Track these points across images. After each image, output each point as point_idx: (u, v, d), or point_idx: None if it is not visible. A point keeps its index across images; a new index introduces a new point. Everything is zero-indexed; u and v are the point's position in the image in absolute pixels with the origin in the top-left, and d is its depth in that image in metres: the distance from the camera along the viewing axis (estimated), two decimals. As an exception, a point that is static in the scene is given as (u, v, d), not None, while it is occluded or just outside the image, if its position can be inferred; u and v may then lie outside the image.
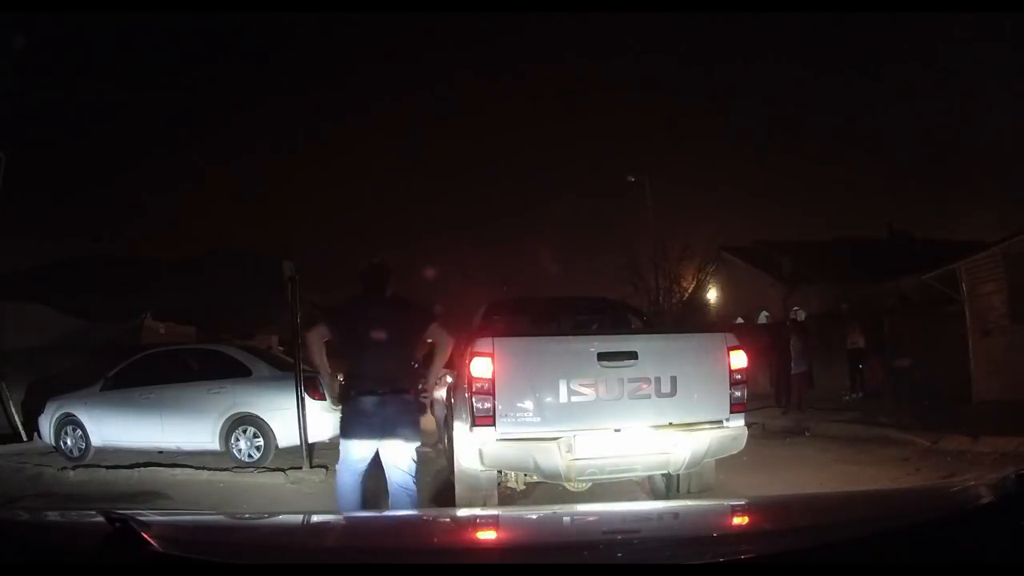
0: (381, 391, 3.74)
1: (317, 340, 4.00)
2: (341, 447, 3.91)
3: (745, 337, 5.44)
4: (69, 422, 8.95)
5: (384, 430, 3.74)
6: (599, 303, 7.89)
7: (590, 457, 4.63)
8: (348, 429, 3.81)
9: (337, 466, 4.00)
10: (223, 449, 8.19)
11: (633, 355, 4.72)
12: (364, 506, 3.93)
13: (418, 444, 3.90)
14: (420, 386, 4.04)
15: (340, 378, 4.12)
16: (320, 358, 4.07)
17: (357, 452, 3.81)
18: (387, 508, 3.88)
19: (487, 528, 2.08)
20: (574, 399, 4.64)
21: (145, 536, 1.29)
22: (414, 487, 3.85)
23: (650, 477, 5.53)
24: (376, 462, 3.90)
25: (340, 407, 3.93)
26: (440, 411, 7.93)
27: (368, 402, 3.73)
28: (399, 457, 3.76)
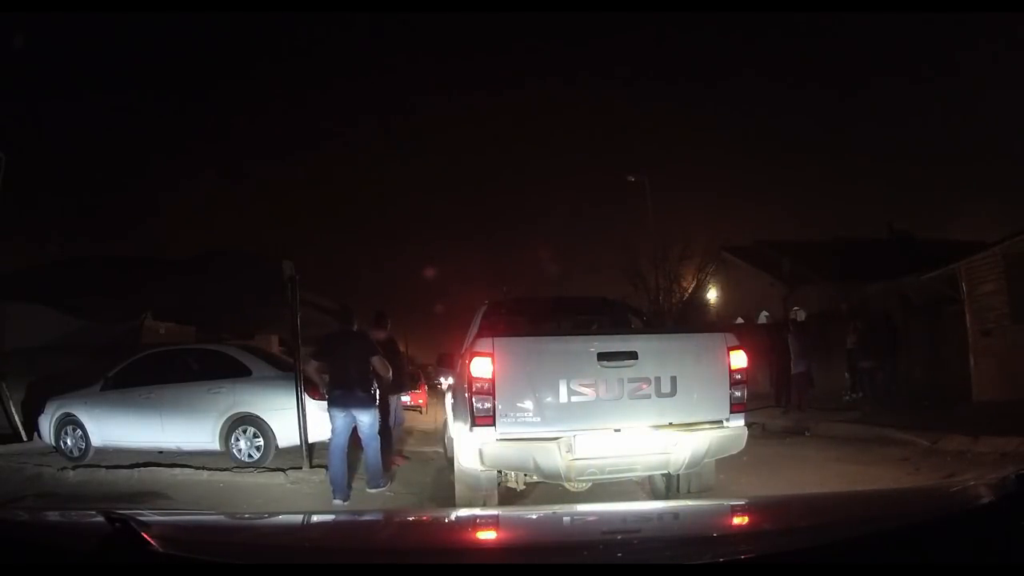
0: (342, 388, 6.29)
1: (312, 370, 6.71)
2: (329, 415, 6.39)
3: (745, 337, 5.44)
4: (69, 422, 8.94)
5: (346, 407, 6.28)
6: (599, 303, 7.88)
7: (590, 457, 4.62)
8: (329, 405, 6.39)
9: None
10: (223, 449, 8.19)
11: (633, 355, 4.72)
12: (345, 456, 6.27)
13: (371, 416, 6.33)
14: (373, 385, 6.42)
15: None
16: (316, 377, 6.68)
17: (336, 418, 6.32)
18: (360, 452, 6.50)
19: (487, 528, 2.08)
20: (574, 399, 4.64)
21: (145, 536, 1.29)
22: (374, 438, 6.38)
23: (650, 477, 5.52)
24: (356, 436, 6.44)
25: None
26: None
27: (335, 393, 6.32)
28: (361, 421, 6.32)
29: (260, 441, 8.12)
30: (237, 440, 8.18)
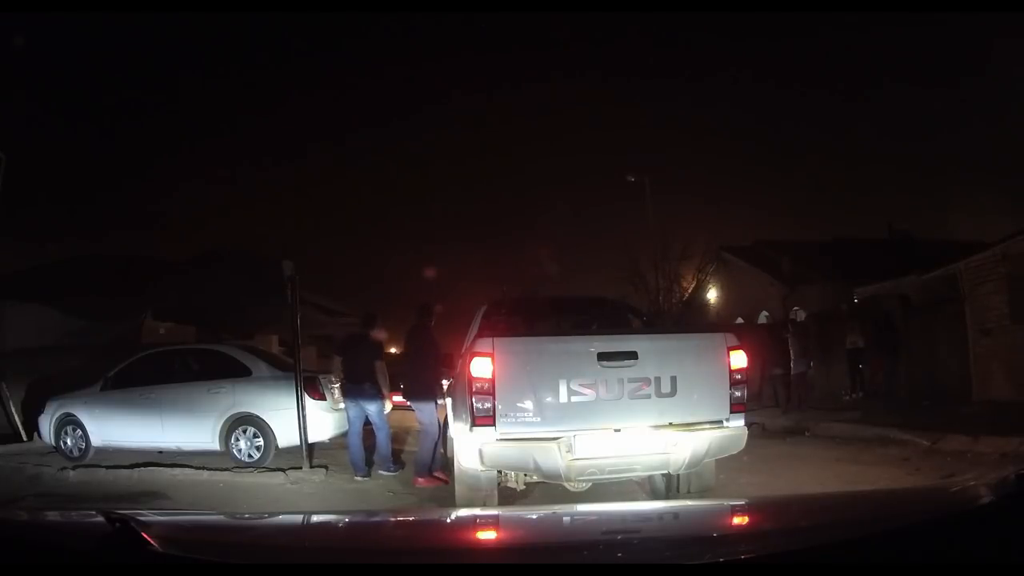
0: (352, 382, 7.41)
1: (336, 364, 7.75)
2: (345, 406, 7.57)
3: (745, 337, 5.43)
4: (69, 422, 8.95)
5: (357, 398, 7.35)
6: (599, 303, 7.88)
7: (590, 457, 4.62)
8: (344, 397, 7.58)
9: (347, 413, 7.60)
10: (223, 449, 8.19)
11: (633, 355, 4.72)
12: (361, 440, 7.39)
13: (377, 406, 7.31)
14: (378, 381, 7.37)
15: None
16: (336, 371, 7.80)
17: (349, 407, 7.46)
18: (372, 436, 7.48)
19: (487, 528, 2.08)
20: (574, 399, 4.64)
21: (145, 536, 1.29)
22: (383, 424, 7.40)
23: (650, 477, 5.52)
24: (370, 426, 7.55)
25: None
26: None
27: (347, 386, 7.49)
28: (368, 411, 7.37)
29: (260, 441, 8.12)
30: (237, 440, 8.19)
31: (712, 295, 25.00)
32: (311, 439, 7.71)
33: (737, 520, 2.10)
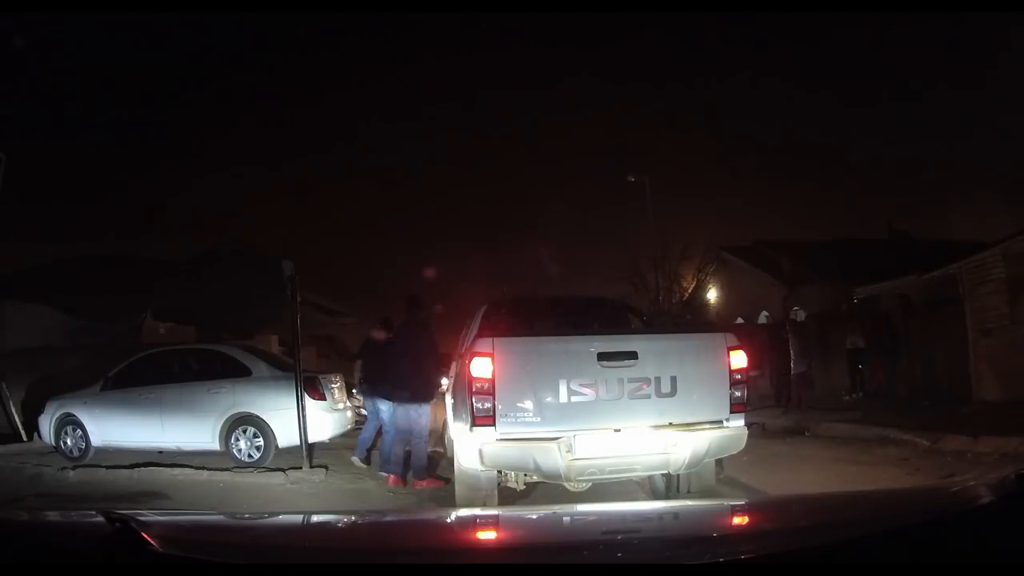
0: (369, 383, 7.75)
1: (358, 366, 8.23)
2: (365, 406, 8.20)
3: (745, 337, 5.44)
4: (69, 422, 8.94)
5: (375, 398, 7.60)
6: (599, 303, 7.89)
7: (590, 457, 4.63)
8: (364, 397, 8.11)
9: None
10: (223, 449, 8.19)
11: (633, 355, 4.72)
12: (373, 433, 7.88)
13: (387, 405, 7.32)
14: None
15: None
16: (356, 371, 8.29)
17: (367, 405, 7.98)
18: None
19: (487, 528, 2.08)
20: (574, 399, 4.64)
21: (145, 536, 1.29)
22: (391, 426, 7.28)
23: (650, 477, 5.53)
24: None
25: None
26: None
27: (364, 386, 7.92)
28: (380, 408, 7.55)
29: (260, 441, 8.12)
30: (237, 440, 8.19)
31: (712, 295, 24.98)
32: (311, 439, 7.70)
33: (737, 520, 2.10)
